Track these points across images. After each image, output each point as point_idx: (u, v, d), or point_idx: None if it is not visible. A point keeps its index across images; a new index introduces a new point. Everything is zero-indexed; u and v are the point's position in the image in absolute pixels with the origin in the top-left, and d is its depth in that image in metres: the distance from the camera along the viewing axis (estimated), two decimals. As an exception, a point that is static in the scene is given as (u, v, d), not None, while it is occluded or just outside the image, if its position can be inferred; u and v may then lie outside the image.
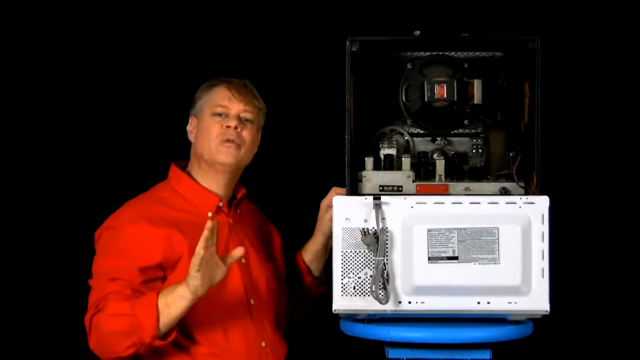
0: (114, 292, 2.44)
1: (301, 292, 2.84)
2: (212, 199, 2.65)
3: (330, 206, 2.64)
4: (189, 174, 2.68)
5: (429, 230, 2.48)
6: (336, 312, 2.51)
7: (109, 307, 2.42)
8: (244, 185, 2.77)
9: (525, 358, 3.31)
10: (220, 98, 2.66)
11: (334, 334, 2.65)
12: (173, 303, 2.40)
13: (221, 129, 2.62)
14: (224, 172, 2.65)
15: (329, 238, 2.71)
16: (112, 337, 2.41)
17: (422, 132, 2.71)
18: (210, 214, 2.61)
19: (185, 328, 2.50)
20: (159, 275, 2.51)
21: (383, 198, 2.50)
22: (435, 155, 2.65)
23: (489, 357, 2.51)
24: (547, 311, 2.49)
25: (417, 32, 2.58)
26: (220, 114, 2.64)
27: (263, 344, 2.60)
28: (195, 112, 2.70)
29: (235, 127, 2.62)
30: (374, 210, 2.48)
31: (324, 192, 2.70)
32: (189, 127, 2.71)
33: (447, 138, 2.71)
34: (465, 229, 2.47)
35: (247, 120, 2.66)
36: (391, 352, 2.51)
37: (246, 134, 2.65)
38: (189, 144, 2.71)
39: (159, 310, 2.39)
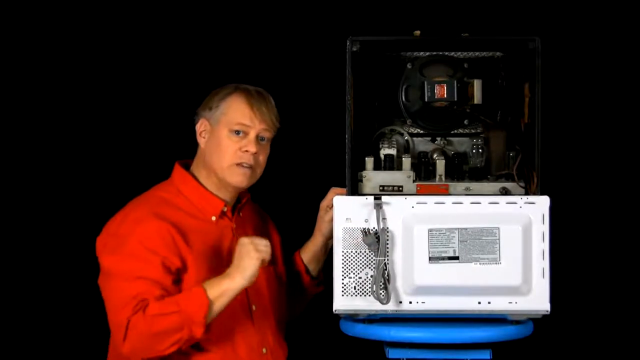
0: (143, 293, 2.40)
1: (298, 292, 2.84)
2: (218, 203, 2.61)
3: (329, 207, 2.64)
4: (193, 175, 2.64)
5: (429, 230, 2.48)
6: (337, 312, 2.51)
7: (151, 307, 2.38)
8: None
9: (525, 358, 3.31)
10: (241, 115, 2.58)
11: (334, 334, 2.65)
12: (223, 294, 2.41)
13: (239, 151, 2.57)
14: (233, 189, 2.64)
15: (329, 239, 2.71)
16: (157, 336, 2.38)
17: (422, 132, 2.71)
18: (214, 218, 2.60)
19: None
20: (176, 277, 2.48)
21: (384, 198, 2.50)
22: (435, 155, 2.65)
23: (489, 357, 2.51)
24: (547, 311, 2.49)
25: (417, 32, 2.58)
26: (238, 132, 2.58)
27: (264, 350, 2.59)
28: (208, 117, 2.61)
29: (255, 152, 2.57)
30: (374, 210, 2.48)
31: (324, 193, 2.69)
32: (198, 128, 2.63)
33: (447, 138, 2.71)
34: (466, 229, 2.48)
35: (263, 138, 2.61)
36: (391, 352, 2.51)
37: (262, 156, 2.62)
38: (190, 141, 2.67)
39: (211, 302, 2.39)
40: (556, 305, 2.50)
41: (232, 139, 2.57)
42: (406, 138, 2.70)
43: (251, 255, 2.42)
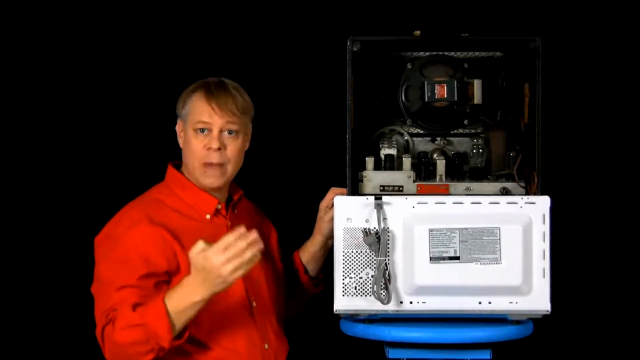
0: (120, 302, 2.39)
1: (297, 292, 2.83)
2: (211, 201, 2.60)
3: (329, 207, 2.64)
4: (184, 175, 2.63)
5: (430, 230, 2.48)
6: (337, 312, 2.51)
7: (119, 319, 2.37)
8: (244, 186, 2.75)
9: (525, 358, 3.31)
10: (200, 113, 2.54)
11: (334, 334, 2.65)
12: (187, 308, 2.35)
13: (203, 149, 2.53)
14: (210, 189, 2.61)
15: (328, 239, 2.70)
16: (130, 347, 2.37)
17: (422, 132, 2.71)
18: (208, 217, 2.60)
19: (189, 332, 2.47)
20: (165, 279, 2.47)
21: (384, 198, 2.49)
22: (435, 155, 2.65)
23: (489, 357, 2.51)
24: (548, 311, 2.49)
25: (417, 32, 2.58)
26: (203, 130, 2.55)
27: (265, 345, 2.59)
28: (180, 116, 2.62)
29: (219, 148, 2.53)
30: (375, 211, 2.48)
31: (324, 192, 2.69)
32: (177, 129, 2.63)
33: (447, 138, 2.71)
34: (466, 228, 2.48)
35: (231, 131, 2.57)
36: (391, 352, 2.51)
37: (230, 150, 2.56)
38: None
39: (171, 316, 2.36)
40: (556, 305, 2.50)
41: (197, 137, 2.55)
42: (406, 138, 2.70)
43: (215, 275, 2.32)
